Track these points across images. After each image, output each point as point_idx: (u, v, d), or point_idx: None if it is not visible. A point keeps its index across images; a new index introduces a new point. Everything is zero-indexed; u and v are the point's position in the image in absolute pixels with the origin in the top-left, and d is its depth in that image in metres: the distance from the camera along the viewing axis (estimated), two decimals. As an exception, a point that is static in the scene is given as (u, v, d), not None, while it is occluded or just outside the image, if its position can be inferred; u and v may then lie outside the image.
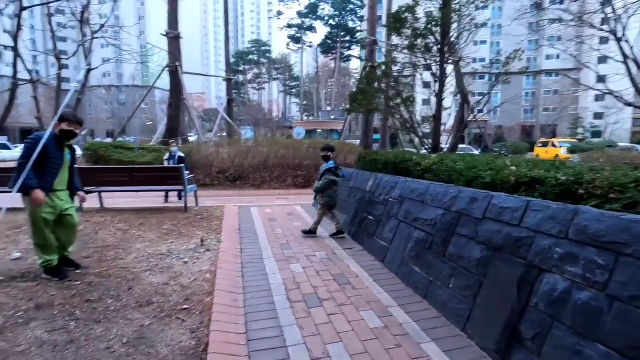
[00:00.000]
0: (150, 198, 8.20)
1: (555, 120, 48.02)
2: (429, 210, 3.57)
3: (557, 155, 25.79)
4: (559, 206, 2.28)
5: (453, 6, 5.96)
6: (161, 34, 14.86)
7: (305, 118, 59.19)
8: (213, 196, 9.08)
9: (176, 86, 15.23)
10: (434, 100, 6.52)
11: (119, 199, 7.87)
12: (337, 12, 52.71)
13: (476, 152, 23.67)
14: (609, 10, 11.38)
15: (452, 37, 6.04)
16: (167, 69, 15.60)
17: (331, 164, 5.17)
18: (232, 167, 10.21)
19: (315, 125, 37.19)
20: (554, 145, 27.90)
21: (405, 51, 6.64)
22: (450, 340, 2.49)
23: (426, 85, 6.77)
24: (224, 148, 10.61)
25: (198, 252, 4.18)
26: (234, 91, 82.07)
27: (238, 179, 10.06)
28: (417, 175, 4.52)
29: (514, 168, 3.31)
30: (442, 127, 6.75)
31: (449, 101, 7.60)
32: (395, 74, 6.37)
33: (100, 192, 6.47)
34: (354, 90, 8.06)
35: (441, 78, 6.18)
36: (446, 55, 6.07)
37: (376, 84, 6.17)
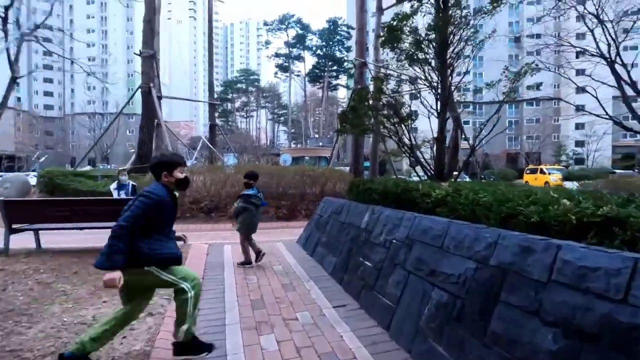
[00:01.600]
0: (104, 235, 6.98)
1: (539, 148, 48.92)
2: (452, 260, 2.58)
3: (547, 182, 25.68)
4: None
5: (452, 12, 5.29)
6: (134, 54, 14.06)
7: (293, 145, 58.80)
8: (183, 231, 7.90)
9: (149, 108, 14.18)
10: (429, 121, 5.74)
11: (68, 236, 6.64)
12: (324, 43, 53.73)
13: (467, 179, 23.15)
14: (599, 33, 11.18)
15: (453, 49, 5.33)
16: (139, 90, 14.60)
17: (249, 191, 4.91)
18: (208, 197, 9.10)
19: (303, 152, 36.43)
20: (542, 172, 27.74)
21: (400, 66, 5.92)
22: None
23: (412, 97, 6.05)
24: (199, 175, 9.53)
25: (135, 318, 3.04)
26: (221, 119, 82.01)
27: (213, 210, 8.93)
28: (426, 209, 3.58)
29: (567, 202, 2.40)
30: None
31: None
32: (391, 92, 5.58)
33: (34, 230, 5.29)
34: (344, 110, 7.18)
35: (443, 94, 5.39)
36: (448, 70, 5.33)
37: (368, 103, 5.36)
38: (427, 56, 5.50)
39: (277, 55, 56.63)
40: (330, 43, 52.76)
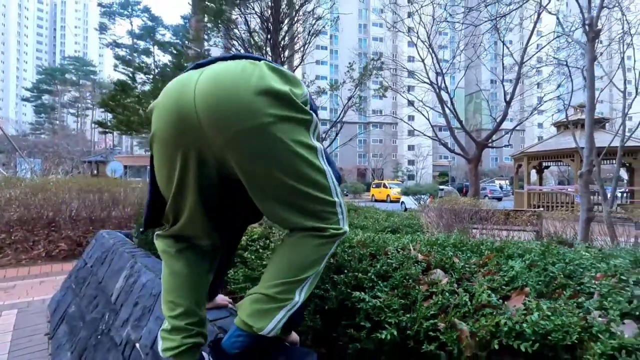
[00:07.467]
0: None
1: (382, 165, 56.11)
2: None
3: (388, 195, 29.01)
4: None
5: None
6: None
7: (140, 152, 50.44)
8: None
9: None
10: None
11: None
12: (178, 40, 48.32)
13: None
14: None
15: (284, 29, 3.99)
16: None
17: None
18: None
19: (147, 160, 30.87)
20: (385, 186, 31.31)
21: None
22: None
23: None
24: None
25: None
26: (41, 115, 65.08)
27: None
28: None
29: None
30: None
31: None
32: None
33: None
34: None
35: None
36: (281, 48, 3.94)
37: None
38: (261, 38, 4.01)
39: (117, 45, 47.58)
40: (187, 42, 47.81)
